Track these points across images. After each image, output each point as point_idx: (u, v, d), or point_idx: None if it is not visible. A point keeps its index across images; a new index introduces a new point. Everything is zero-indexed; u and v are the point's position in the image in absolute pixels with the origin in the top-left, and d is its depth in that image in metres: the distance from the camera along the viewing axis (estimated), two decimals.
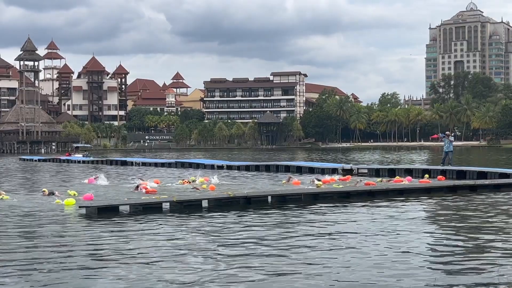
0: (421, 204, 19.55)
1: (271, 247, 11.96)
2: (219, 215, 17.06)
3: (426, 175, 28.27)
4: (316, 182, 25.67)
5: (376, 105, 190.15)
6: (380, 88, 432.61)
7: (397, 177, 28.54)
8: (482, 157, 66.28)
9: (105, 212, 17.53)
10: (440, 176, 28.78)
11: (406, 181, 25.67)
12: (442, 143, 33.98)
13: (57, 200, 20.90)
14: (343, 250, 11.54)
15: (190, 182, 27.73)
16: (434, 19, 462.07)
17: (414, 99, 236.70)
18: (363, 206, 18.88)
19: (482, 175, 27.86)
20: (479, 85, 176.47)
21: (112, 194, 23.64)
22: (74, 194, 22.40)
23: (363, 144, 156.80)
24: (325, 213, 17.39)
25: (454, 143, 33.23)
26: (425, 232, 13.87)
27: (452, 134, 34.64)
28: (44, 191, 24.02)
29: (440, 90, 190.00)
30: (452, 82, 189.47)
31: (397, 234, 13.40)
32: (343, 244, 12.24)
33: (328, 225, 14.98)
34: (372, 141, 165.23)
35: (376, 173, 32.32)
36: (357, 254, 11.10)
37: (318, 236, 13.31)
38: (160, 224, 15.43)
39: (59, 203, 20.26)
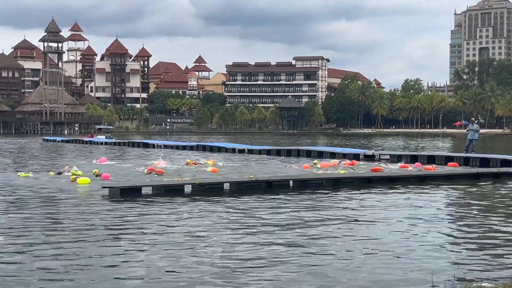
0: (443, 191, 19.44)
1: (291, 232, 12.02)
2: (240, 198, 17.14)
3: (433, 165, 28.23)
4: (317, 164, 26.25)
5: (399, 91, 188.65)
6: (403, 74, 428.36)
7: (402, 162, 29.11)
8: (506, 145, 65.59)
9: (128, 193, 17.71)
10: (451, 163, 28.90)
11: (414, 167, 26.37)
12: (465, 130, 33.74)
13: (72, 178, 21.52)
14: (362, 238, 11.54)
15: (196, 163, 28.72)
16: (460, 4, 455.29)
17: (438, 85, 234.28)
18: (385, 192, 18.85)
19: (505, 162, 27.61)
20: (504, 72, 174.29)
21: (122, 174, 24.15)
22: (81, 174, 22.96)
23: (385, 130, 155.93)
24: (346, 198, 17.39)
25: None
26: (446, 221, 13.84)
27: (476, 122, 34.33)
28: (60, 172, 24.17)
29: (464, 76, 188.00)
30: (476, 69, 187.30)
31: (418, 222, 13.36)
32: (363, 231, 12.25)
33: (348, 211, 14.99)
34: (394, 127, 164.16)
35: (398, 159, 32.17)
36: (376, 243, 11.08)
37: (337, 222, 13.32)
38: (182, 207, 15.56)
39: (73, 180, 20.99)
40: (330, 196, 17.74)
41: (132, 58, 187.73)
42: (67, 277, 8.63)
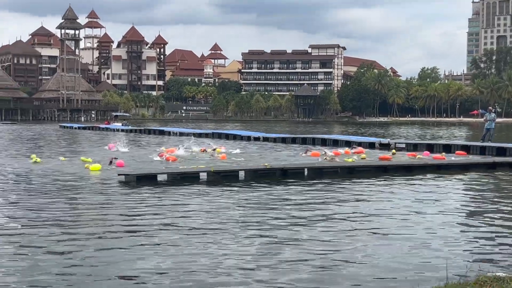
0: (459, 181, 19.36)
1: (305, 221, 12.06)
2: (255, 186, 17.19)
3: (443, 153, 28.20)
4: (329, 154, 25.95)
5: (416, 80, 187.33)
6: (420, 63, 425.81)
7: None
8: None
9: (144, 180, 17.83)
10: (459, 151, 28.81)
11: (422, 156, 26.35)
12: (482, 119, 33.53)
13: (86, 165, 21.76)
14: (376, 228, 11.56)
15: (207, 151, 29.15)
16: None
17: (455, 74, 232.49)
18: (400, 181, 18.80)
19: None
20: None
21: (133, 161, 24.47)
22: (90, 161, 23.33)
23: (401, 119, 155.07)
24: (361, 187, 17.39)
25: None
26: (462, 210, 13.81)
27: (493, 111, 34.08)
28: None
29: (482, 65, 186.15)
30: (494, 58, 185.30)
31: (433, 212, 13.35)
32: (377, 222, 12.25)
33: (362, 201, 15.00)
34: (410, 116, 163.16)
35: (414, 148, 32.06)
36: (389, 233, 11.08)
37: (351, 212, 13.34)
38: (198, 194, 15.64)
39: (88, 166, 21.25)
40: (344, 185, 17.73)
41: (148, 45, 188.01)
42: (85, 264, 8.73)
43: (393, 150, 28.77)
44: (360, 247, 9.73)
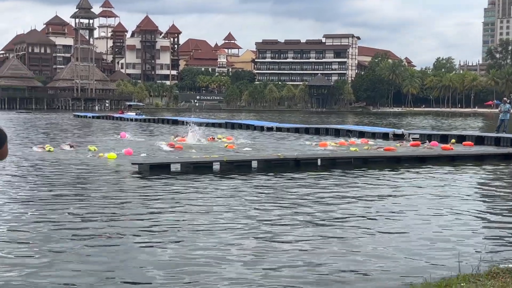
0: (473, 172, 19.26)
1: (318, 213, 12.06)
2: (268, 176, 17.19)
3: (453, 140, 29.20)
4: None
5: (430, 70, 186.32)
6: (435, 53, 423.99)
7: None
8: None
9: (157, 170, 17.89)
10: (466, 142, 28.93)
11: (429, 145, 26.89)
12: (497, 110, 33.33)
13: (100, 154, 22.03)
14: (390, 220, 11.54)
15: (214, 139, 30.32)
16: None
17: (470, 64, 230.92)
18: (413, 172, 18.74)
19: None
20: None
21: (137, 149, 24.67)
22: (94, 150, 24.06)
23: (415, 109, 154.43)
24: (374, 178, 17.35)
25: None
26: (475, 202, 13.75)
27: (508, 102, 33.84)
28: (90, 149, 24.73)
29: (497, 55, 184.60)
30: (509, 48, 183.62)
31: (446, 203, 13.30)
32: (390, 213, 12.21)
33: (376, 191, 14.95)
34: (424, 106, 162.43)
35: (428, 138, 31.90)
36: (403, 225, 11.04)
37: (364, 203, 13.32)
38: (211, 183, 15.68)
39: (102, 156, 21.47)
40: (358, 176, 17.70)
41: (162, 35, 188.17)
42: (102, 256, 8.79)
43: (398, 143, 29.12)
44: (372, 238, 9.71)
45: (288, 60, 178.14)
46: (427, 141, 28.86)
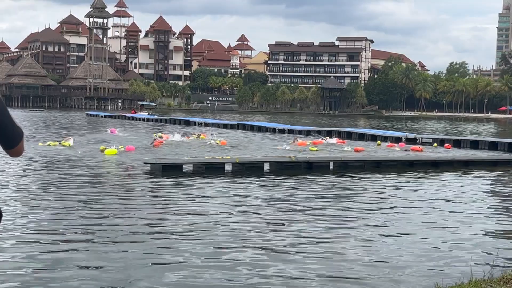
0: (486, 178, 19.20)
1: (329, 216, 12.07)
2: (280, 178, 17.20)
3: (435, 144, 31.12)
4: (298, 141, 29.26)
5: (444, 74, 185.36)
6: (448, 57, 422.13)
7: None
8: None
9: (169, 170, 17.94)
10: (447, 144, 30.52)
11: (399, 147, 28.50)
12: (511, 116, 33.22)
13: (101, 147, 22.64)
14: (401, 226, 11.51)
15: (198, 136, 33.29)
16: None
17: (484, 69, 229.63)
18: (426, 177, 18.69)
19: None
20: None
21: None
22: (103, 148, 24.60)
23: (427, 113, 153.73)
24: (386, 182, 17.31)
25: None
26: (488, 208, 13.70)
27: None
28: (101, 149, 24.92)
29: (511, 61, 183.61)
30: None
31: (458, 209, 13.25)
32: (402, 219, 12.16)
33: (388, 196, 14.93)
34: (437, 110, 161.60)
35: (441, 143, 31.82)
36: (414, 230, 11.00)
37: (376, 208, 13.31)
38: (223, 185, 15.71)
39: (103, 150, 22.06)
40: (370, 179, 17.67)
41: (176, 35, 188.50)
42: (116, 255, 8.84)
43: (378, 141, 31.79)
44: (384, 243, 9.70)
45: (301, 62, 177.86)
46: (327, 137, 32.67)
